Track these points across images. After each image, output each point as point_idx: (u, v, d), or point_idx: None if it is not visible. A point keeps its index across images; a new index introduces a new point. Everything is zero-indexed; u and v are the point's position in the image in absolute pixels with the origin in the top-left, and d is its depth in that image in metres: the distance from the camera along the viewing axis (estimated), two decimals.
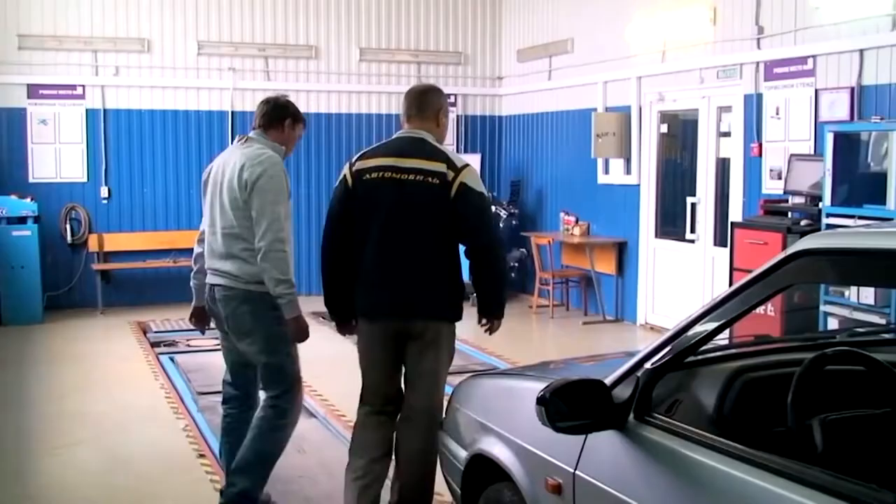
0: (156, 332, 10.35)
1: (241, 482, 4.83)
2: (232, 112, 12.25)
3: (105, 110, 11.79)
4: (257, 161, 4.64)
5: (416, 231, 4.45)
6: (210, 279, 4.88)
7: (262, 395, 4.93)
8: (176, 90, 12.08)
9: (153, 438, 6.59)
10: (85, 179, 11.80)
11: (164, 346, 9.64)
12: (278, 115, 4.89)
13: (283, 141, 4.89)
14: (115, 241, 11.87)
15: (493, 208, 12.27)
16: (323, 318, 11.09)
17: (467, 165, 4.54)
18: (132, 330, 10.49)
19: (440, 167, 4.43)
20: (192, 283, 5.15)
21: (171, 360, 9.01)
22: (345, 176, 4.61)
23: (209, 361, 8.86)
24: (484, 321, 4.67)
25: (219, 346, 5.20)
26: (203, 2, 12.11)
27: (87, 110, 11.74)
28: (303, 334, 4.71)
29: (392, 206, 4.45)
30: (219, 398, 5.40)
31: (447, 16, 13.23)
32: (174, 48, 12.06)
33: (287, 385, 4.80)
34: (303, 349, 4.92)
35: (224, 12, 12.22)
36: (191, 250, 5.20)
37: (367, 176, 4.51)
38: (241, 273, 4.67)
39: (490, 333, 4.70)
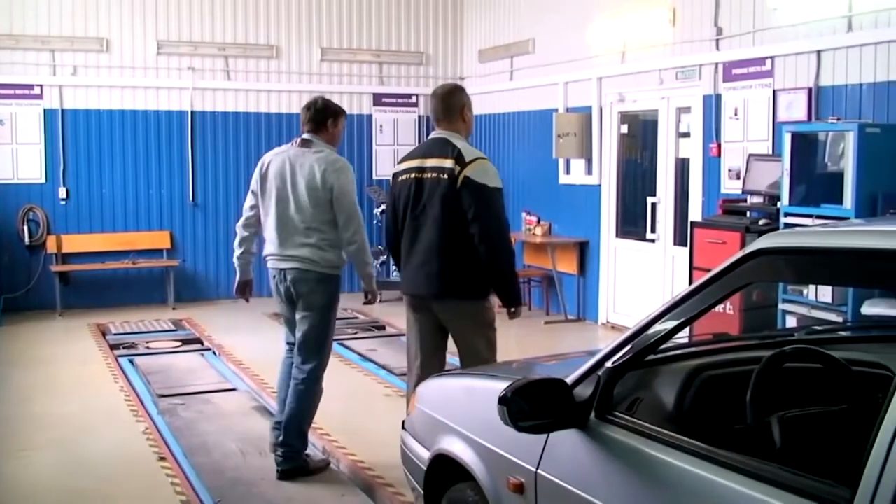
0: (115, 334, 10.24)
1: (292, 438, 5.70)
2: (192, 112, 12.16)
3: (63, 110, 11.66)
4: (337, 168, 5.53)
5: (432, 222, 5.04)
6: (280, 264, 5.61)
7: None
8: (135, 90, 11.97)
9: (113, 442, 6.53)
10: (43, 180, 11.65)
11: (124, 348, 9.53)
12: (321, 118, 5.68)
13: (330, 138, 5.70)
14: (74, 243, 11.74)
15: None
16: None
17: (476, 159, 5.02)
18: (91, 332, 10.38)
19: (450, 163, 4.97)
20: (237, 262, 5.89)
21: (131, 362, 8.92)
22: (391, 178, 5.44)
23: (169, 363, 8.81)
24: (505, 310, 5.19)
25: (177, 349, 5.30)
26: (162, 1, 12.01)
27: (44, 110, 11.60)
28: (375, 298, 5.88)
29: (414, 201, 5.11)
30: (179, 400, 5.67)
31: (409, 16, 13.23)
32: (133, 48, 11.95)
33: (321, 359, 5.69)
34: (258, 351, 5.38)
35: (184, 11, 12.12)
36: (149, 251, 5.58)
37: (401, 177, 5.24)
38: (319, 259, 5.53)
39: (511, 318, 5.17)
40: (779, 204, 7.40)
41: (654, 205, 9.92)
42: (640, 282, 10.13)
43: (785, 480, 2.23)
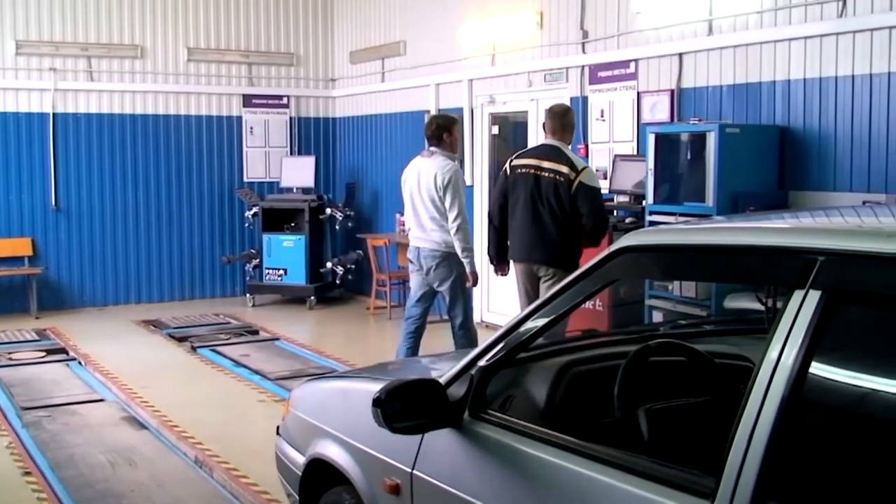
0: None
1: None
2: (53, 114, 11.76)
3: None
4: (446, 170, 7.11)
5: (544, 209, 6.56)
6: (416, 243, 7.39)
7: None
8: None
9: None
10: None
11: None
12: (438, 135, 7.20)
13: (449, 147, 7.24)
14: None
15: (330, 211, 12.21)
16: (154, 326, 10.82)
17: (585, 168, 6.61)
18: None
19: (565, 169, 6.51)
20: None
21: None
22: (505, 169, 6.92)
23: (33, 374, 8.51)
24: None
25: (41, 360, 5.62)
26: None
27: None
28: (476, 280, 7.37)
29: (531, 192, 6.61)
30: (44, 412, 6.22)
31: (278, 16, 13.07)
32: None
33: (463, 310, 7.40)
34: (126, 360, 5.21)
35: (44, 10, 11.70)
36: (10, 258, 5.73)
37: (518, 171, 6.73)
38: (440, 241, 7.20)
39: None
40: (644, 203, 7.60)
41: None
42: (513, 281, 10.22)
43: (652, 472, 2.28)
